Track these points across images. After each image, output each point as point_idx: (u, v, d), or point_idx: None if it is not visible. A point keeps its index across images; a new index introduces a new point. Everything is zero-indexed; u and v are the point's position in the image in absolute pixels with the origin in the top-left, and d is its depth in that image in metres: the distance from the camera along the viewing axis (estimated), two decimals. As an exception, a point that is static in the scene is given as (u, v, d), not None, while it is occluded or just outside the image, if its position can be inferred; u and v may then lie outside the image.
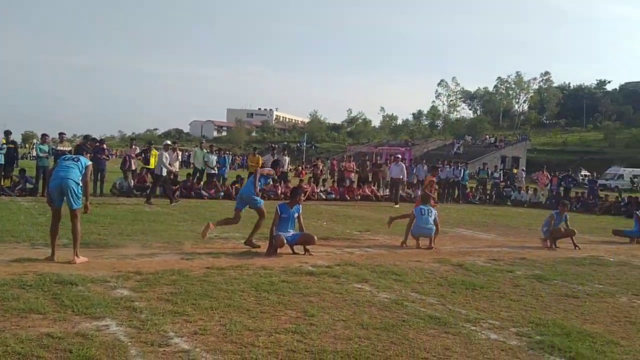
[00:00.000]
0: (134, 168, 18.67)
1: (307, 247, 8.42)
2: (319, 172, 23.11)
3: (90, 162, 7.48)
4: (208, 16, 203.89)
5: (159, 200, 15.62)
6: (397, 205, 18.62)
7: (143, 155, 19.31)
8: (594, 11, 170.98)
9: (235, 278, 6.44)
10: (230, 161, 50.00)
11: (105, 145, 20.51)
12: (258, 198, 9.05)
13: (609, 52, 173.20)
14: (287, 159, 20.95)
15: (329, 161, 37.02)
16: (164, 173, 15.67)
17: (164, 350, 4.03)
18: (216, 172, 19.54)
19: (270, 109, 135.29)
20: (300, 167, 44.29)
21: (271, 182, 19.52)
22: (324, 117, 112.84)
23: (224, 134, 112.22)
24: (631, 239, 12.41)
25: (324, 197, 20.27)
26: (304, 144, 63.83)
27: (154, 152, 19.67)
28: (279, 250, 8.27)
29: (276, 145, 24.24)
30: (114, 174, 19.42)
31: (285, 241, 8.21)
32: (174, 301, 5.29)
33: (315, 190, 20.46)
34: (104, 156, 18.08)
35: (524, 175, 30.45)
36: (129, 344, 4.10)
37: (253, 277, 6.55)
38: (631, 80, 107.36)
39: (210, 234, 8.92)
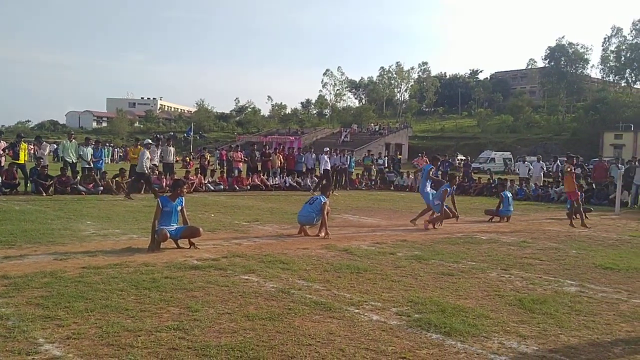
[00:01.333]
0: (1, 164, 17.12)
1: (193, 240, 8.18)
2: (206, 162, 22.62)
3: None
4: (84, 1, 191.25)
5: (27, 196, 14.46)
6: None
7: (12, 150, 17.77)
8: (465, 3, 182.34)
9: (113, 277, 6.11)
10: (109, 154, 47.65)
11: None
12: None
13: (480, 44, 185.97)
14: (172, 149, 20.24)
15: (217, 151, 36.40)
16: (146, 171, 16.59)
17: (33, 359, 3.74)
18: (91, 165, 18.45)
19: (154, 98, 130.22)
20: (187, 158, 43.32)
21: (156, 174, 18.85)
22: (212, 106, 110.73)
23: (104, 124, 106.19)
24: (501, 217, 13.42)
25: (212, 188, 19.89)
26: (191, 134, 61.99)
27: (24, 145, 18.20)
28: (162, 245, 7.96)
29: (161, 136, 23.35)
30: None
31: (168, 235, 7.92)
32: (45, 305, 4.92)
33: (203, 181, 20.01)
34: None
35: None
36: (-8, 354, 3.76)
37: (133, 274, 6.26)
38: (500, 70, 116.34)
39: (87, 232, 8.39)
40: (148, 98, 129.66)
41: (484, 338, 4.49)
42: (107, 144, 41.43)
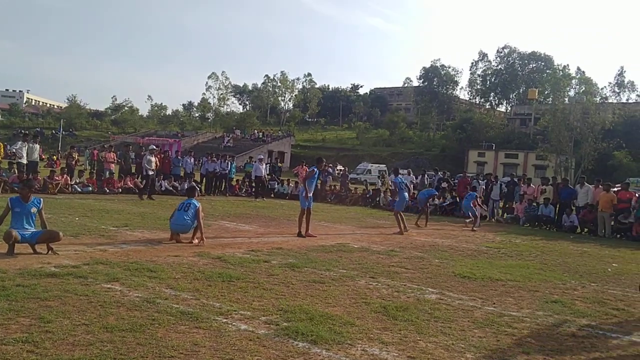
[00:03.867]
0: None
1: (52, 245, 7.57)
2: (73, 162, 21.14)
3: None
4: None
5: None
6: (257, 200, 21.49)
7: None
8: (353, 20, 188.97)
9: (-46, 285, 5.48)
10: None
11: None
12: None
13: (362, 60, 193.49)
14: (37, 147, 18.68)
15: (87, 150, 34.27)
16: (150, 173, 18.22)
17: None
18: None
19: (20, 91, 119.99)
20: (54, 157, 40.29)
21: (16, 172, 17.31)
22: (85, 102, 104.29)
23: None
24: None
25: (79, 189, 18.63)
26: (61, 131, 57.85)
27: None
28: (16, 250, 7.28)
29: (27, 132, 21.45)
30: None
31: (17, 236, 7.22)
32: None
33: (70, 182, 18.68)
34: None
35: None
36: None
37: (-21, 282, 5.66)
38: (379, 87, 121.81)
39: None
40: (13, 90, 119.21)
41: (349, 345, 4.60)
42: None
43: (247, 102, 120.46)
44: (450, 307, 6.26)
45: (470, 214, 16.31)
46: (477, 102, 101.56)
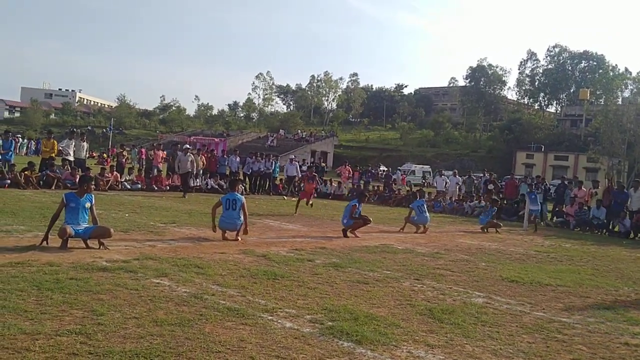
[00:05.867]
0: None
1: (103, 240, 7.81)
2: (123, 160, 21.77)
3: None
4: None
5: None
6: (286, 198, 21.44)
7: None
8: (394, 20, 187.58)
9: (14, 276, 5.72)
10: (24, 145, 44.95)
11: None
12: None
13: (406, 59, 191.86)
14: (84, 144, 19.31)
15: (135, 149, 35.22)
16: (189, 169, 18.81)
17: None
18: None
19: (73, 90, 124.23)
20: (104, 154, 41.59)
21: (69, 170, 17.96)
22: (134, 102, 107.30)
23: (17, 114, 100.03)
24: (417, 226, 13.78)
25: (128, 187, 19.17)
26: (111, 129, 59.66)
27: None
28: (69, 245, 7.55)
29: (76, 130, 22.26)
30: None
31: (70, 232, 7.50)
32: None
33: (119, 179, 19.24)
34: None
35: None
36: None
37: (36, 274, 5.88)
38: (424, 86, 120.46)
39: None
40: (66, 90, 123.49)
41: (394, 347, 4.56)
42: (17, 135, 38.92)
43: (290, 102, 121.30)
44: (497, 312, 6.13)
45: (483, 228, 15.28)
46: (526, 102, 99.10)
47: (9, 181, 16.31)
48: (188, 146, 20.85)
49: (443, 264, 9.12)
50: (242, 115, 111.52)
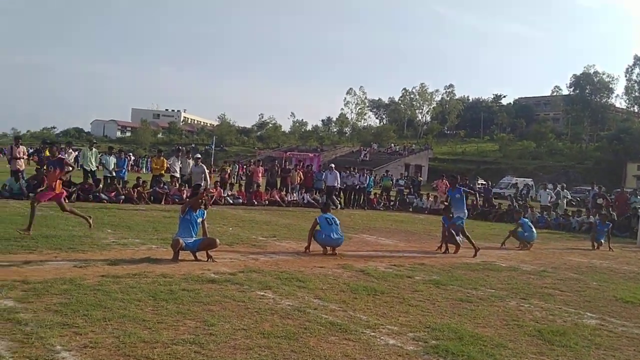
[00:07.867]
0: (22, 168, 17.37)
1: (210, 252, 8.20)
2: (226, 175, 22.75)
3: None
4: (113, 11, 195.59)
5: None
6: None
7: (37, 155, 18.12)
8: (493, 28, 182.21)
9: (132, 287, 6.14)
10: (137, 163, 48.30)
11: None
12: None
13: (504, 69, 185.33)
14: (190, 162, 20.37)
15: (236, 165, 36.61)
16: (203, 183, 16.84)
17: (49, 366, 3.77)
18: (114, 174, 18.73)
19: (178, 110, 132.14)
20: (208, 170, 43.67)
21: (177, 186, 19.03)
22: (233, 120, 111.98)
23: (128, 134, 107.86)
24: (521, 243, 13.20)
25: (230, 201, 19.98)
26: (213, 146, 62.51)
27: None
28: (180, 257, 8.01)
29: (182, 148, 23.63)
30: (3, 174, 18.06)
31: (182, 244, 7.95)
32: (63, 312, 4.96)
33: (222, 194, 20.12)
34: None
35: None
36: (10, 359, 3.78)
37: (151, 285, 6.29)
38: (524, 96, 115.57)
39: (107, 240, 8.47)
40: (172, 110, 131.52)
41: (502, 369, 4.41)
42: (129, 154, 41.95)
43: (383, 116, 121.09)
44: (612, 334, 5.74)
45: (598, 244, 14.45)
46: (636, 110, 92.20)
47: (123, 197, 17.56)
48: (199, 156, 18.95)
49: (551, 282, 8.67)
50: (335, 130, 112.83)
